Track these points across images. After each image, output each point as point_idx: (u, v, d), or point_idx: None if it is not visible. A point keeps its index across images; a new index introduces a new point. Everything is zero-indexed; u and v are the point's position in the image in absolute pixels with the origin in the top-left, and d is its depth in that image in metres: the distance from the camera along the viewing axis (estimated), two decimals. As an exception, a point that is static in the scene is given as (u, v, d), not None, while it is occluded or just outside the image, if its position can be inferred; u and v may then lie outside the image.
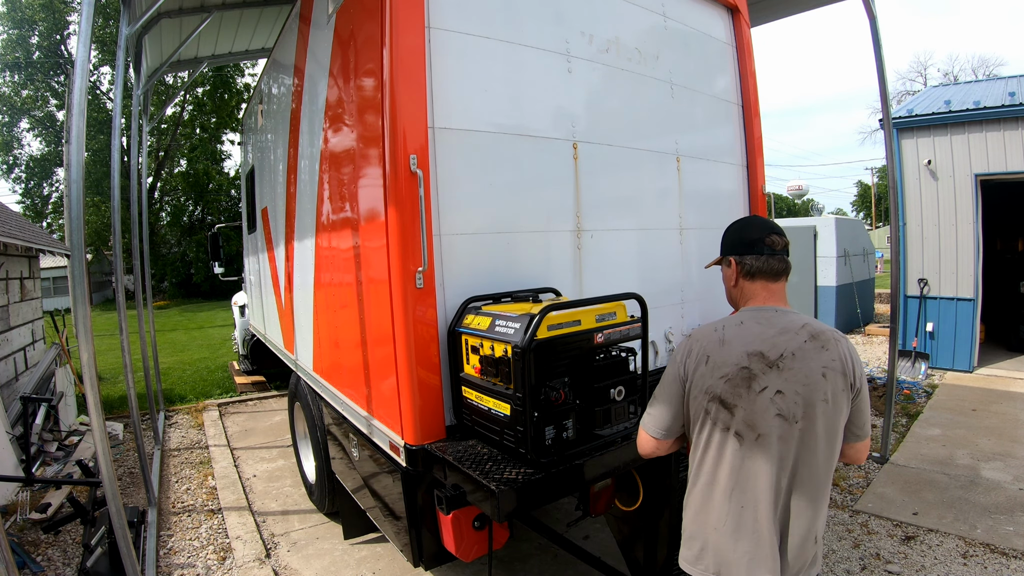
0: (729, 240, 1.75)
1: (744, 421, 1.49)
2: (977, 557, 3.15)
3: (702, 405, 1.55)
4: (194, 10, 5.01)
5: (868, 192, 48.54)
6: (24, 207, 26.17)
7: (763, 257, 1.64)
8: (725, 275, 1.76)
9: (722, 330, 1.59)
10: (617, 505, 2.54)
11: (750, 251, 1.66)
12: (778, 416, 1.47)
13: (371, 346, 2.49)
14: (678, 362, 1.62)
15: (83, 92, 2.38)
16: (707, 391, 1.53)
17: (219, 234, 8.13)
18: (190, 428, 6.24)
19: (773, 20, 5.49)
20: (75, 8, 23.65)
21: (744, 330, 1.57)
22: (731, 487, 1.51)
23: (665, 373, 1.66)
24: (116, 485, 2.51)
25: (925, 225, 7.36)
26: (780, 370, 1.49)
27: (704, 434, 1.56)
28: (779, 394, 1.48)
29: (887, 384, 4.74)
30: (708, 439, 1.55)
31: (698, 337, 1.62)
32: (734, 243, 1.72)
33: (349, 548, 3.52)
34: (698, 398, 1.56)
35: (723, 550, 1.51)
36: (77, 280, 2.46)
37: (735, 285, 1.71)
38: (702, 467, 1.57)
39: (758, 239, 1.66)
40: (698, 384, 1.56)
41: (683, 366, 1.60)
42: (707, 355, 1.56)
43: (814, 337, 1.52)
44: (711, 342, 1.58)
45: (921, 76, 33.86)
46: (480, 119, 2.38)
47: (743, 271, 1.67)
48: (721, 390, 1.51)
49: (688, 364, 1.59)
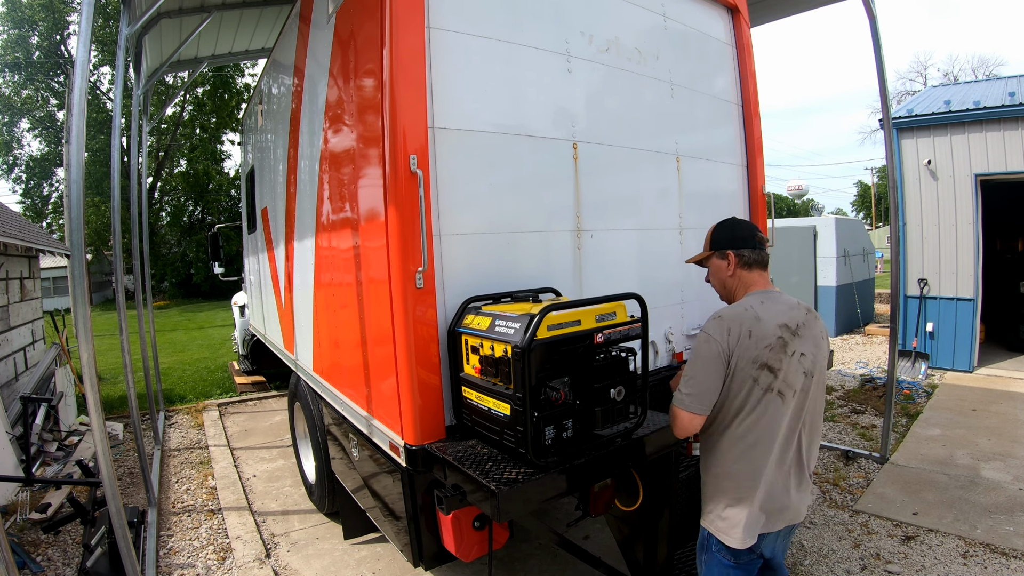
0: (725, 236, 2.02)
1: (784, 381, 1.80)
2: (977, 557, 3.15)
3: (749, 373, 1.79)
4: (194, 10, 5.01)
5: (868, 192, 48.54)
6: (24, 207, 26.17)
7: (755, 250, 1.98)
8: (718, 267, 2.02)
9: (752, 309, 1.85)
10: (617, 505, 2.54)
11: (745, 245, 1.97)
12: (803, 374, 1.84)
13: (371, 346, 2.49)
14: (718, 341, 1.80)
15: (83, 92, 2.38)
16: (754, 360, 1.79)
17: (219, 234, 8.13)
18: (190, 428, 6.24)
19: (773, 20, 5.49)
20: (75, 8, 23.65)
21: (767, 308, 1.86)
22: (772, 437, 1.81)
23: (701, 355, 1.83)
24: (116, 485, 2.51)
25: (925, 225, 7.36)
26: (800, 337, 1.85)
27: (750, 398, 1.80)
28: (803, 356, 1.84)
29: (887, 384, 4.74)
30: (754, 402, 1.80)
31: (732, 317, 1.84)
32: (731, 239, 2.00)
33: (349, 548, 3.52)
34: (745, 368, 1.79)
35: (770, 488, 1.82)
36: (77, 280, 2.46)
37: (732, 275, 1.99)
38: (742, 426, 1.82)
39: (749, 235, 2.00)
40: (744, 356, 1.79)
41: (725, 343, 1.80)
42: (748, 330, 1.80)
43: (808, 311, 1.93)
44: (748, 319, 1.82)
45: (921, 76, 33.89)
46: (480, 119, 2.38)
47: (741, 262, 1.97)
48: (767, 357, 1.79)
49: (730, 341, 1.80)
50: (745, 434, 1.82)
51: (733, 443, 1.84)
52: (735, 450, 1.84)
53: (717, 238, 2.04)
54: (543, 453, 1.93)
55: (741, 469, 1.83)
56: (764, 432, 1.81)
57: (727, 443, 1.85)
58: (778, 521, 1.84)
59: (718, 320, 1.85)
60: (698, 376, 1.83)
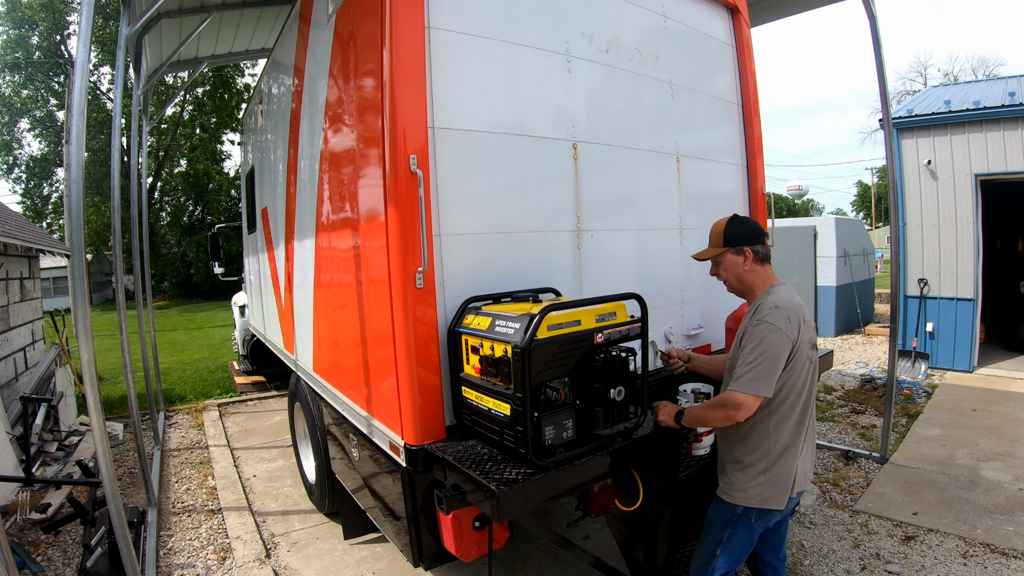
0: (741, 233, 2.16)
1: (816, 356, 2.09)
2: (977, 557, 3.15)
3: (806, 353, 2.03)
4: (194, 10, 5.00)
5: (868, 192, 48.53)
6: (24, 207, 26.17)
7: (765, 246, 2.17)
8: (735, 262, 2.16)
9: (794, 299, 2.07)
10: (617, 505, 2.53)
11: (758, 240, 2.15)
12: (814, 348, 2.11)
13: (371, 346, 2.49)
14: (783, 330, 1.97)
15: (83, 92, 2.37)
16: (809, 342, 2.05)
17: (219, 234, 8.13)
18: (190, 428, 6.24)
19: (773, 20, 5.48)
20: (75, 8, 23.64)
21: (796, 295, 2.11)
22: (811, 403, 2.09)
23: (770, 343, 1.96)
24: (116, 485, 2.51)
25: (925, 225, 7.36)
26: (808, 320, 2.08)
27: (803, 375, 2.03)
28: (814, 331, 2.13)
29: (887, 384, 4.74)
30: (806, 378, 2.04)
31: (790, 308, 2.02)
32: (747, 236, 2.15)
33: (349, 548, 3.52)
34: (803, 350, 2.01)
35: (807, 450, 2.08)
36: (77, 280, 2.46)
37: (750, 270, 2.15)
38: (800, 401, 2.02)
39: (761, 232, 2.19)
40: (802, 340, 2.01)
41: (789, 333, 1.97)
42: (803, 317, 2.03)
43: None
44: (797, 306, 2.05)
45: (921, 76, 33.87)
46: (480, 119, 2.38)
47: (756, 258, 2.14)
48: (813, 337, 2.08)
49: (791, 331, 1.98)
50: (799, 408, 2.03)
51: (787, 418, 2.02)
52: (789, 424, 2.02)
53: (732, 235, 2.15)
54: (543, 453, 1.93)
55: (793, 440, 2.02)
56: (809, 402, 2.06)
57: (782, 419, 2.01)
58: (806, 481, 2.09)
59: (777, 310, 1.99)
60: (766, 363, 1.94)
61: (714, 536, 2.12)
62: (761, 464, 2.03)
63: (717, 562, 2.09)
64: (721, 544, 2.09)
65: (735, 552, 2.09)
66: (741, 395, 1.95)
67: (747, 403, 1.94)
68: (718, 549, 2.09)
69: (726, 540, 2.08)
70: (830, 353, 3.50)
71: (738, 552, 2.10)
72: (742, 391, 1.95)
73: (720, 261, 2.19)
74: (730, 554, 2.08)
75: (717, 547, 2.10)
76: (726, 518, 2.10)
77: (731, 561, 2.09)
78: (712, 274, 2.26)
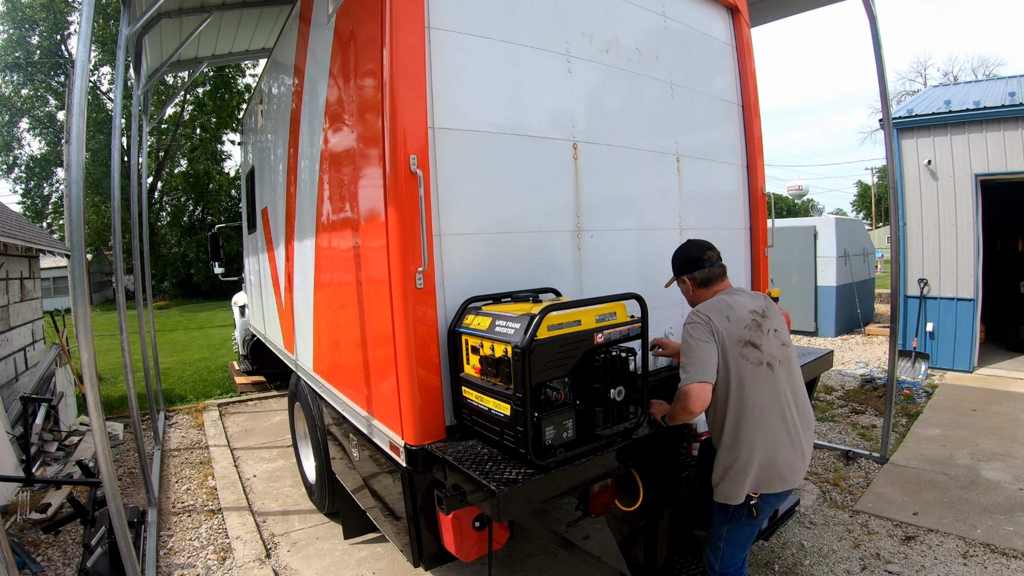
0: (678, 264, 2.36)
1: (769, 354, 2.12)
2: (977, 557, 3.15)
3: (737, 351, 2.08)
4: (194, 10, 5.00)
5: (868, 192, 48.52)
6: (24, 207, 26.17)
7: (706, 269, 2.28)
8: (683, 289, 2.39)
9: (722, 300, 2.18)
10: (617, 505, 2.54)
11: (695, 268, 2.30)
12: (783, 346, 2.18)
13: (371, 346, 2.49)
14: (702, 325, 2.10)
15: (83, 92, 2.38)
16: (739, 339, 2.09)
17: (219, 234, 8.12)
18: (190, 428, 6.24)
19: (773, 20, 5.48)
20: (75, 8, 23.65)
21: (735, 299, 2.20)
22: (771, 404, 2.09)
23: (692, 338, 2.10)
24: (116, 485, 2.51)
25: (925, 225, 7.36)
26: (768, 318, 2.19)
27: (743, 372, 2.08)
28: (776, 331, 2.19)
29: (887, 384, 4.74)
30: (749, 375, 2.08)
31: (707, 308, 2.16)
32: (682, 265, 2.34)
33: (349, 548, 3.52)
34: (734, 347, 2.08)
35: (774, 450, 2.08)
36: (77, 280, 2.46)
37: (694, 294, 2.32)
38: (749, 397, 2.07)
39: (698, 257, 2.30)
40: (730, 336, 2.09)
41: (709, 326, 2.09)
42: (726, 316, 2.12)
43: (766, 298, 2.30)
44: (722, 307, 2.15)
45: (921, 76, 33.88)
46: (480, 119, 2.38)
47: (695, 283, 2.31)
48: (749, 336, 2.11)
49: (713, 324, 2.10)
50: (752, 405, 2.07)
51: (743, 416, 2.08)
52: (746, 422, 2.08)
53: (674, 267, 2.39)
54: (543, 453, 1.93)
55: (756, 437, 2.07)
56: (767, 400, 2.09)
57: (736, 418, 2.09)
58: (794, 478, 2.14)
59: (696, 312, 2.17)
60: (695, 352, 2.08)
61: (716, 531, 2.27)
62: (723, 463, 2.14)
63: (724, 552, 2.26)
64: (723, 538, 2.24)
65: (737, 542, 2.24)
66: (685, 387, 2.08)
67: (692, 391, 2.05)
68: (721, 542, 2.25)
69: (726, 534, 2.23)
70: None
71: (740, 542, 2.24)
72: (685, 384, 2.09)
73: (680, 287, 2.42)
74: (734, 545, 2.24)
75: (720, 540, 2.26)
76: (722, 516, 2.23)
77: (736, 551, 2.26)
78: None
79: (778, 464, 2.09)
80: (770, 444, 2.08)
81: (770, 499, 2.17)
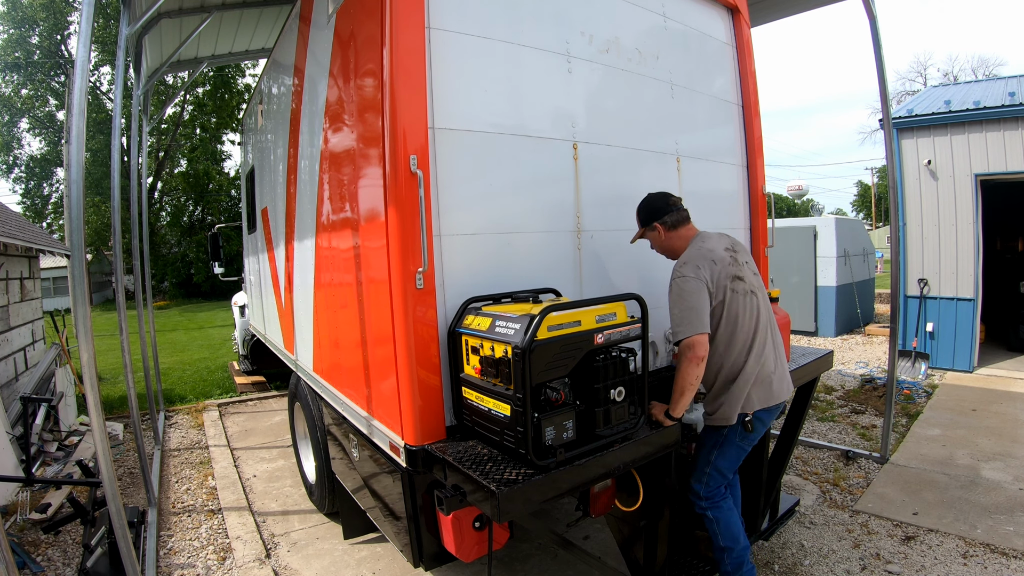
0: (646, 214, 2.53)
1: (750, 283, 2.41)
2: (977, 557, 3.15)
3: (726, 286, 2.34)
4: (194, 10, 5.00)
5: (868, 192, 48.51)
6: (24, 207, 26.17)
7: (674, 213, 2.49)
8: (654, 238, 2.55)
9: (701, 249, 2.40)
10: (617, 505, 2.54)
11: (664, 213, 2.49)
12: (754, 275, 2.48)
13: (371, 346, 2.49)
14: (692, 277, 2.31)
15: (83, 92, 2.37)
16: (727, 276, 2.35)
17: (219, 234, 8.12)
18: (190, 428, 6.24)
19: (773, 20, 5.48)
20: (75, 8, 23.64)
21: (711, 243, 2.43)
22: (758, 327, 2.39)
23: (684, 290, 2.30)
24: (116, 485, 2.51)
25: (925, 225, 7.36)
26: (738, 251, 2.47)
27: (735, 304, 2.35)
28: (747, 263, 2.48)
29: (887, 384, 4.74)
30: (739, 305, 2.35)
31: (694, 257, 2.37)
32: (652, 213, 2.51)
33: (349, 548, 3.52)
34: (723, 285, 2.33)
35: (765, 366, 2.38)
36: (77, 280, 2.46)
37: (667, 239, 2.51)
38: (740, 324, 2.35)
39: (663, 204, 2.50)
40: (717, 277, 2.33)
41: (699, 277, 2.30)
42: (711, 260, 2.35)
43: (729, 237, 2.54)
44: (705, 252, 2.38)
45: (921, 76, 33.87)
46: (480, 119, 2.38)
47: (666, 227, 2.49)
48: (732, 272, 2.37)
49: (702, 273, 2.31)
50: (745, 329, 2.35)
51: (735, 340, 2.34)
52: (740, 344, 2.34)
53: (641, 218, 2.55)
54: (543, 454, 1.92)
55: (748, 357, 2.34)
56: (755, 325, 2.38)
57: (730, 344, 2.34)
58: (782, 391, 2.42)
59: (684, 265, 2.36)
60: (689, 304, 2.27)
61: (704, 459, 2.47)
62: (719, 388, 2.39)
63: (710, 478, 2.46)
64: (711, 463, 2.45)
65: (724, 466, 2.45)
66: (685, 340, 2.26)
67: (694, 342, 2.24)
68: (708, 468, 2.46)
69: (715, 459, 2.43)
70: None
71: (727, 466, 2.46)
72: (683, 336, 2.27)
73: (648, 239, 2.59)
74: (720, 470, 2.45)
75: (708, 467, 2.46)
76: (713, 441, 2.45)
77: (720, 477, 2.47)
78: (652, 249, 2.65)
79: (769, 379, 2.37)
80: (761, 361, 2.36)
81: (763, 415, 2.41)
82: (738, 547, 2.47)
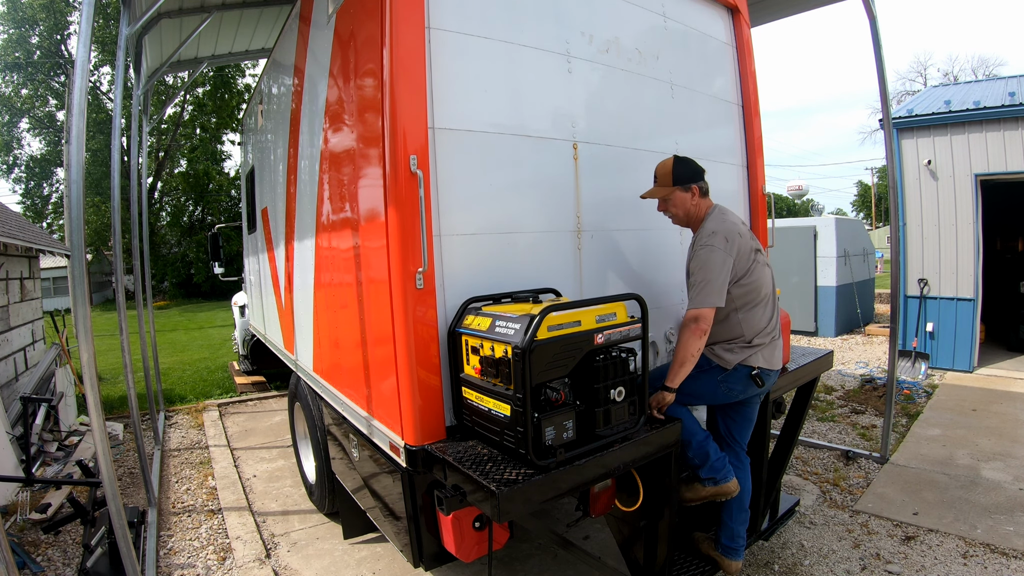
0: (687, 174, 2.53)
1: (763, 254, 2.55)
2: (977, 557, 3.15)
3: (751, 257, 2.46)
4: (194, 10, 5.00)
5: (868, 192, 48.52)
6: (24, 207, 26.17)
7: (706, 181, 2.59)
8: (683, 198, 2.54)
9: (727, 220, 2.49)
10: (617, 505, 2.54)
11: (701, 177, 2.56)
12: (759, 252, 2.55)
13: (371, 346, 2.49)
14: (722, 249, 2.37)
15: (83, 92, 2.37)
16: (750, 248, 2.47)
17: (219, 234, 8.12)
18: (190, 428, 6.24)
19: (773, 20, 5.48)
20: (75, 8, 23.64)
21: (732, 215, 2.55)
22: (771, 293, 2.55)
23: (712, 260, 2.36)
24: (116, 485, 2.51)
25: (925, 225, 7.36)
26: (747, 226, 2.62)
27: (757, 272, 2.47)
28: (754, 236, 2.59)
29: (887, 384, 4.74)
30: (759, 274, 2.48)
31: (725, 230, 2.42)
32: (692, 174, 2.54)
33: (349, 548, 3.52)
34: (747, 256, 2.44)
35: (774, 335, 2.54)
36: (77, 280, 2.46)
37: (696, 203, 2.55)
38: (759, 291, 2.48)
39: (700, 169, 2.57)
40: (742, 249, 2.43)
41: (728, 252, 2.38)
42: (738, 233, 2.45)
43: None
44: (732, 225, 2.46)
45: (921, 76, 33.89)
46: (480, 119, 2.38)
47: (701, 192, 2.56)
48: (753, 244, 2.50)
49: (732, 248, 2.39)
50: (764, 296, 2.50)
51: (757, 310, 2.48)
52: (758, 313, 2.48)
53: (680, 174, 2.52)
54: (543, 454, 1.92)
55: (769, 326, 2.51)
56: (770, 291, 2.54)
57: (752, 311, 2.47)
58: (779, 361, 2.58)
59: (715, 235, 2.41)
60: (711, 276, 2.34)
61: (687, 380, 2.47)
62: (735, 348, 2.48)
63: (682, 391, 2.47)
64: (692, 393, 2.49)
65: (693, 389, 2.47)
66: (696, 310, 2.34)
67: (704, 315, 2.33)
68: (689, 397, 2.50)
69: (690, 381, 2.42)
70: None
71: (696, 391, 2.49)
72: (697, 307, 2.35)
73: (670, 199, 2.56)
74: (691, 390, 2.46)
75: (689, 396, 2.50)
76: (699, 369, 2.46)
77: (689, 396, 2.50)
78: (660, 210, 2.65)
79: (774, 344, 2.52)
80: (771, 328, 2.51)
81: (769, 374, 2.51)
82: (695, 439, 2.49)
